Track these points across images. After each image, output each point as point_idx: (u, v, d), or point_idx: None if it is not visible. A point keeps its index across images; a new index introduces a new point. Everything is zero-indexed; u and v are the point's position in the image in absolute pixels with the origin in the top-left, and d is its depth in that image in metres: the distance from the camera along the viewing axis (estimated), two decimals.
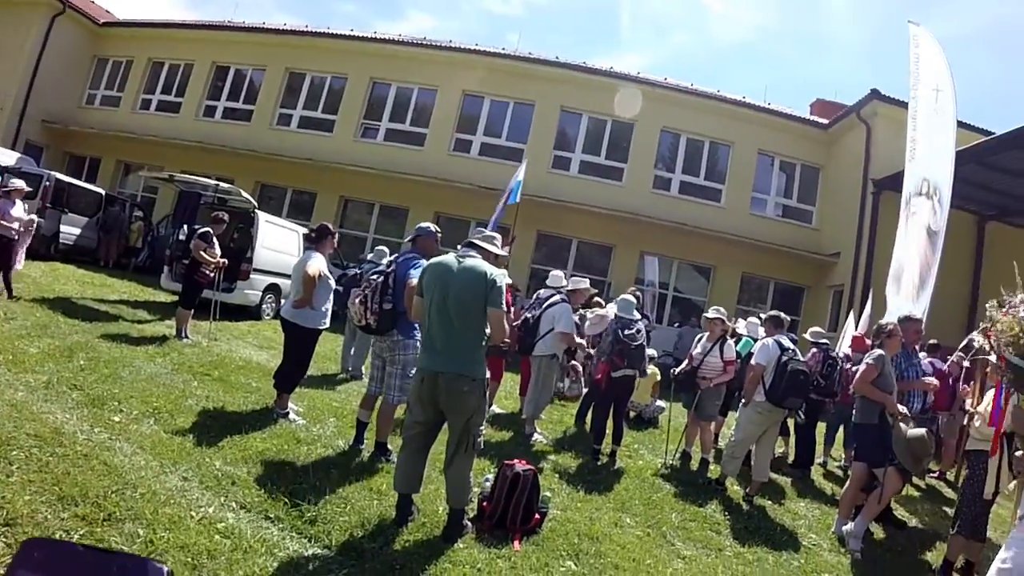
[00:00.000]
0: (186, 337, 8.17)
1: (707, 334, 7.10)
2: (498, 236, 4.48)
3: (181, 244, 9.93)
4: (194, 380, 6.34)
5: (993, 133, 12.55)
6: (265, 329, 10.46)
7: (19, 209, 8.40)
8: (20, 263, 8.72)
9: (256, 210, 11.20)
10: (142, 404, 5.16)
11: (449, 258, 3.97)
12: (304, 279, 5.63)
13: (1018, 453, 2.98)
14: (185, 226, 10.41)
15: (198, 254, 8.17)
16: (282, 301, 11.42)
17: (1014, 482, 4.20)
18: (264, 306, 11.55)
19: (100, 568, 0.83)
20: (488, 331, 3.92)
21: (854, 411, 5.79)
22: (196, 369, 6.77)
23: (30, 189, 9.39)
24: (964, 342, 5.91)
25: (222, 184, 11.37)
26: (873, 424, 5.30)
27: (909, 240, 7.48)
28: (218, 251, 8.45)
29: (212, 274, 8.40)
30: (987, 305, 3.55)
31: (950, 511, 5.91)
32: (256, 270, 10.99)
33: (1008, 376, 3.20)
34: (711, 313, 7.10)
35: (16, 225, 8.25)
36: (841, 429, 8.28)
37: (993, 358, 3.55)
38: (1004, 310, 3.26)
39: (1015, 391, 3.09)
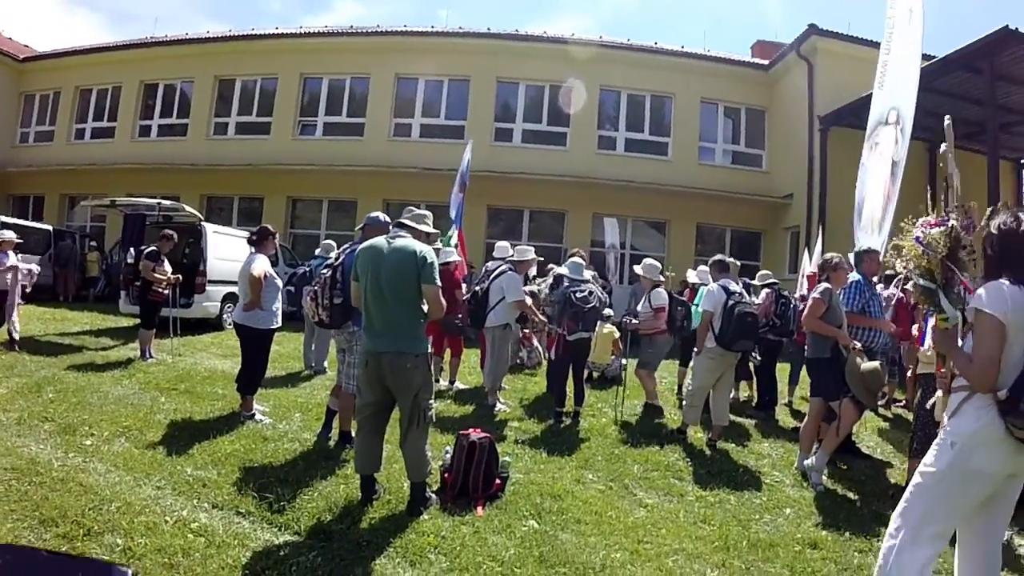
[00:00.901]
0: (150, 357, 8.28)
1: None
2: (429, 215, 4.58)
3: (131, 267, 9.95)
4: (161, 396, 6.48)
5: (927, 55, 12.80)
6: (228, 338, 10.50)
7: (12, 259, 8.40)
8: (16, 320, 8.57)
9: (202, 223, 11.27)
10: (112, 425, 5.30)
11: (380, 240, 4.09)
12: (250, 281, 5.77)
13: (941, 370, 3.17)
14: (133, 249, 10.43)
15: (147, 274, 8.23)
16: None
17: (938, 393, 4.32)
18: (224, 316, 11.62)
19: (66, 573, 0.85)
20: (426, 308, 4.05)
21: (806, 346, 5.84)
22: (163, 385, 6.91)
23: (20, 240, 9.33)
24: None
25: (164, 202, 11.38)
26: (826, 358, 5.40)
27: (871, 172, 7.24)
28: (168, 268, 8.51)
29: (166, 291, 8.47)
30: (905, 224, 3.51)
31: None
32: (211, 281, 11.09)
33: (921, 298, 3.28)
34: (638, 269, 7.43)
35: (10, 276, 8.25)
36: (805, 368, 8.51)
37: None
38: (922, 225, 3.27)
39: (931, 311, 3.19)
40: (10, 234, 8.55)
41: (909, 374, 7.19)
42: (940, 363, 3.29)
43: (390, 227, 5.05)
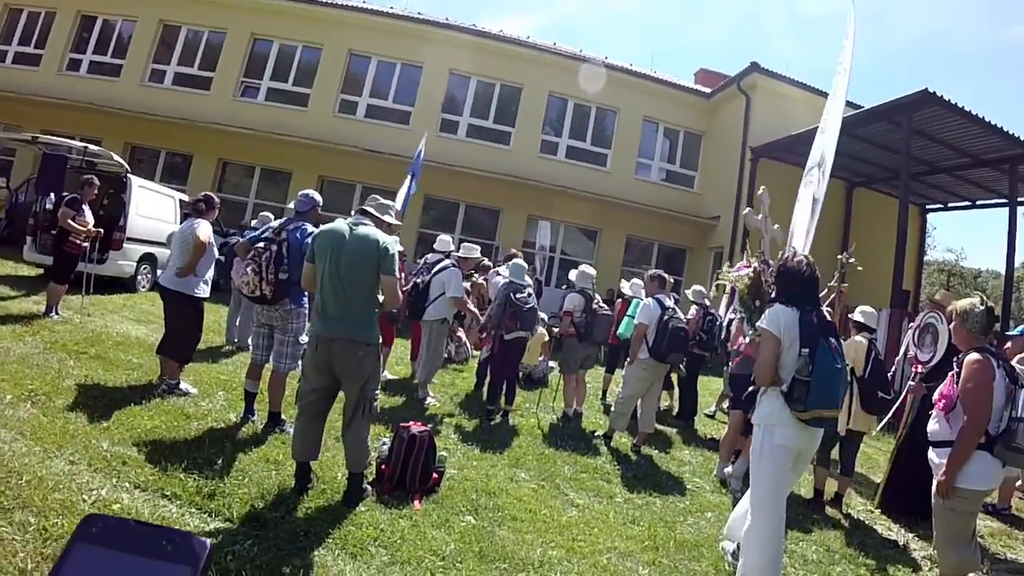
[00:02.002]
0: (57, 314, 7.65)
1: None
2: (393, 205, 4.52)
3: (48, 214, 9.21)
4: (70, 359, 5.99)
5: (850, 103, 13.63)
6: (142, 302, 9.97)
7: None
8: None
9: (129, 174, 10.51)
10: (16, 387, 4.86)
11: (341, 225, 3.99)
12: (195, 244, 5.58)
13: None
14: (52, 194, 9.64)
15: (66, 223, 7.60)
16: (159, 272, 10.88)
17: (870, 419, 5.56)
18: (139, 277, 10.95)
19: (152, 542, 0.91)
20: (381, 298, 3.99)
21: (730, 363, 6.28)
22: (71, 347, 6.40)
23: None
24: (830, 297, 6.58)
25: (91, 146, 10.59)
26: (748, 374, 5.68)
27: (801, 206, 8.11)
28: (90, 218, 7.90)
29: (84, 244, 7.86)
30: (723, 268, 4.95)
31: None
32: (130, 239, 10.36)
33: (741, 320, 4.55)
34: (572, 274, 7.62)
35: None
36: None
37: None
38: (735, 270, 4.64)
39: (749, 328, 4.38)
40: None
41: None
42: None
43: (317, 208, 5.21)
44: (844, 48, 5.93)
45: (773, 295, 3.92)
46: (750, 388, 4.00)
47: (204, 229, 5.69)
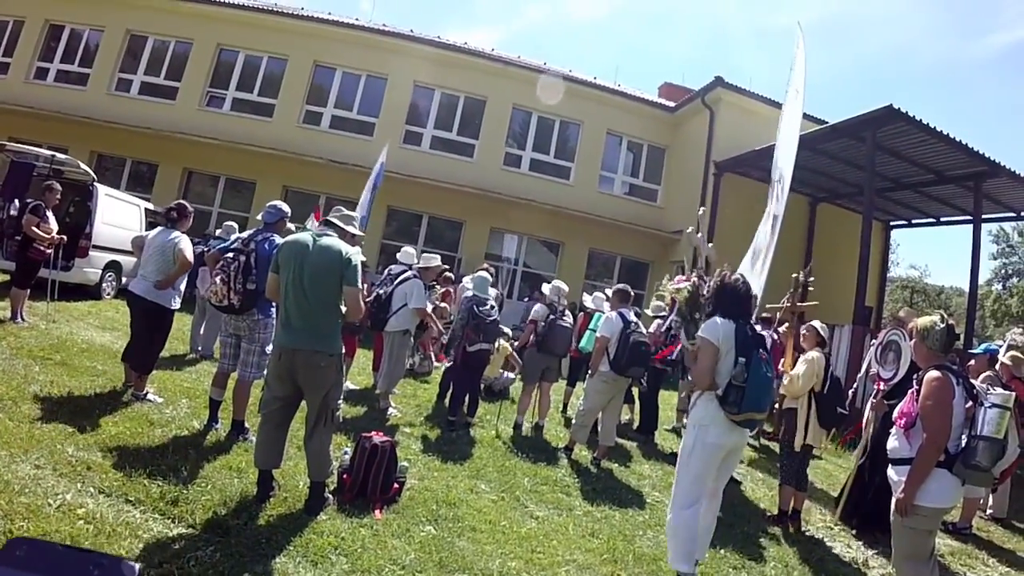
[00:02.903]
0: (22, 320, 7.64)
1: None
2: (357, 216, 4.63)
3: (12, 220, 9.13)
4: (35, 365, 6.01)
5: (815, 118, 13.93)
6: (106, 309, 9.92)
7: None
8: None
9: (95, 183, 10.48)
10: None
11: (305, 236, 4.08)
12: (181, 262, 5.68)
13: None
14: (17, 201, 9.54)
15: (29, 229, 7.60)
16: (123, 279, 10.84)
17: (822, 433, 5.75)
18: (104, 284, 10.91)
19: (78, 566, 0.91)
20: (344, 309, 4.08)
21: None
22: (36, 353, 6.41)
23: None
24: (779, 312, 6.74)
25: (58, 155, 10.53)
26: None
27: (764, 222, 8.22)
28: (54, 225, 7.89)
29: (48, 250, 7.87)
30: (663, 281, 5.48)
31: None
32: (95, 246, 10.35)
33: (679, 329, 5.02)
34: (545, 287, 7.73)
35: None
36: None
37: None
38: (675, 283, 5.09)
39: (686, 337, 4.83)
40: None
41: (776, 407, 7.83)
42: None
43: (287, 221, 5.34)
44: (795, 70, 6.12)
45: (711, 308, 4.27)
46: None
47: (188, 245, 5.80)
